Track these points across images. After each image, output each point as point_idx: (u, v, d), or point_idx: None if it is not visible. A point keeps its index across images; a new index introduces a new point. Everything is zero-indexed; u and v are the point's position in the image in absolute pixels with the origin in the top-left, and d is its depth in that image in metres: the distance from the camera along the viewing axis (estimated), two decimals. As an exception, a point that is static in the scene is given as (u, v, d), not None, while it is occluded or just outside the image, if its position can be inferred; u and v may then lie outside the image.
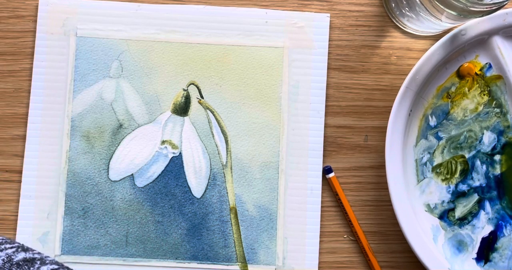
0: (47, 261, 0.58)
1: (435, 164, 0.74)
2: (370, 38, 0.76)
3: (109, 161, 0.74)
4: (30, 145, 0.73)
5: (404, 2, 0.71)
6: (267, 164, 0.74)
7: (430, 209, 0.74)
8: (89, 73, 0.74)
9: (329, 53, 0.75)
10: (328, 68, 0.75)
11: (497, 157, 0.74)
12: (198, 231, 0.73)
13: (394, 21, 0.76)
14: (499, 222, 0.74)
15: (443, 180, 0.74)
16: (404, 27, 0.75)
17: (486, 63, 0.73)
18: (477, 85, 0.74)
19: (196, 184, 0.74)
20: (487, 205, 0.74)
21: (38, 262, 0.58)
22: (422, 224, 0.73)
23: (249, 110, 0.75)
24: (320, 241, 0.74)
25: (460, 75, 0.74)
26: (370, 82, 0.76)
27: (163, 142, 0.74)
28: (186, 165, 0.74)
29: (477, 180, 0.74)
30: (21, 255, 0.58)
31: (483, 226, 0.74)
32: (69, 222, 0.73)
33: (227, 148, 0.74)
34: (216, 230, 0.74)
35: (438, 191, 0.74)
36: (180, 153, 0.74)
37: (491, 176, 0.74)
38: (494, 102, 0.74)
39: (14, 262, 0.57)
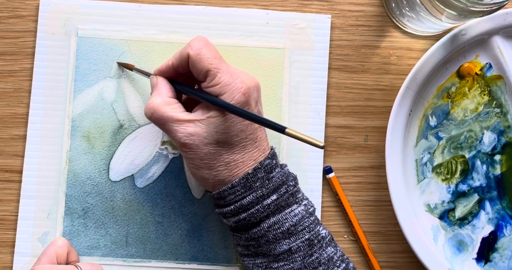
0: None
1: (435, 164, 0.74)
2: (370, 38, 0.76)
3: (110, 161, 0.74)
4: (30, 145, 0.73)
5: (404, 2, 0.71)
6: (267, 164, 0.74)
7: (430, 209, 0.74)
8: (90, 74, 0.74)
9: (329, 53, 0.75)
10: (328, 68, 0.75)
11: (497, 157, 0.74)
12: (198, 232, 0.73)
13: (394, 21, 0.76)
14: (499, 222, 0.74)
15: (443, 180, 0.74)
16: (404, 27, 0.75)
17: (486, 63, 0.74)
18: (477, 85, 0.74)
19: (196, 184, 0.74)
20: (487, 205, 0.74)
21: None
22: (422, 224, 0.73)
23: (250, 111, 0.75)
24: (320, 241, 0.74)
25: (460, 75, 0.74)
26: (370, 82, 0.76)
27: (163, 143, 0.74)
28: (186, 166, 0.74)
29: (477, 180, 0.74)
30: None
31: (483, 226, 0.74)
32: (69, 222, 0.73)
33: (227, 148, 0.74)
34: (216, 230, 0.74)
35: (438, 191, 0.74)
36: (180, 154, 0.74)
37: (491, 176, 0.74)
38: (494, 102, 0.74)
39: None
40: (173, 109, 0.64)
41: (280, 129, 0.60)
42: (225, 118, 0.62)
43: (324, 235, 0.65)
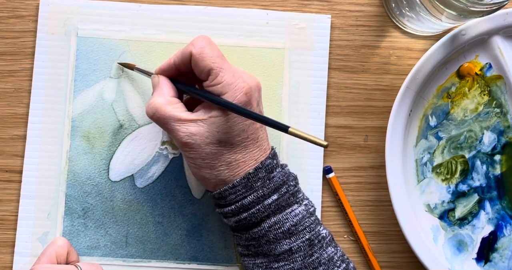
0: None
1: (435, 164, 0.74)
2: (370, 38, 0.76)
3: (109, 161, 0.74)
4: (30, 145, 0.73)
5: (404, 2, 0.71)
6: (267, 164, 0.74)
7: (430, 209, 0.74)
8: (90, 74, 0.74)
9: (329, 53, 0.75)
10: (328, 68, 0.75)
11: (497, 157, 0.74)
12: (198, 232, 0.73)
13: (394, 21, 0.76)
14: (499, 222, 0.74)
15: (443, 180, 0.74)
16: (404, 27, 0.75)
17: (486, 63, 0.74)
18: (477, 85, 0.74)
19: (196, 184, 0.74)
20: (487, 205, 0.74)
21: None
22: (422, 224, 0.73)
23: (250, 111, 0.75)
24: (320, 241, 0.74)
25: (460, 75, 0.74)
26: (370, 82, 0.76)
27: (163, 143, 0.74)
28: (186, 165, 0.74)
29: (477, 180, 0.74)
30: None
31: (483, 226, 0.74)
32: (69, 222, 0.73)
33: (227, 148, 0.74)
34: (216, 230, 0.74)
35: (438, 191, 0.74)
36: (180, 154, 0.74)
37: (491, 176, 0.74)
38: (494, 102, 0.74)
39: None
40: (175, 108, 0.64)
41: (283, 128, 0.59)
42: (227, 118, 0.62)
43: (324, 235, 0.65)
